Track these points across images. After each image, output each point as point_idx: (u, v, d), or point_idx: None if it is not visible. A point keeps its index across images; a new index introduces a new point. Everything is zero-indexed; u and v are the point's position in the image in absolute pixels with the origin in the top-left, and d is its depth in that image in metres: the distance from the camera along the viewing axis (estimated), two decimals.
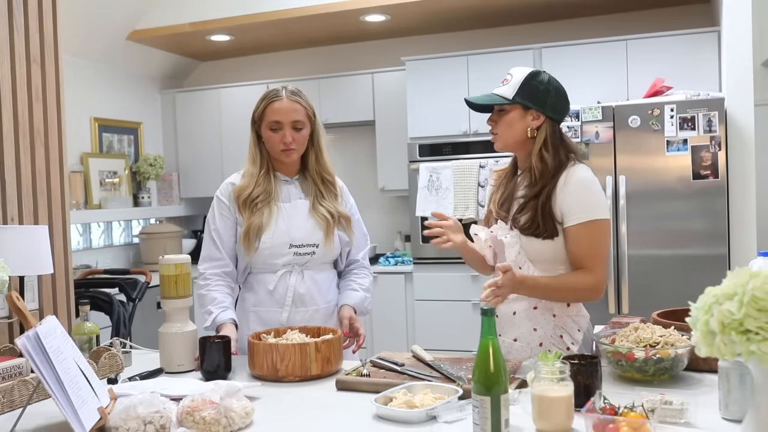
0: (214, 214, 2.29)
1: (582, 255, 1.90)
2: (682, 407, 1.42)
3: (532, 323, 1.95)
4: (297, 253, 2.22)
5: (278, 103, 2.20)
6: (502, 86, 1.98)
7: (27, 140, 2.59)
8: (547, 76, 1.98)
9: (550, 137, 1.95)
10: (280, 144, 2.20)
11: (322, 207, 2.26)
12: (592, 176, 1.95)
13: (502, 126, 1.98)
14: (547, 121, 1.96)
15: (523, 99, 1.94)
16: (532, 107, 1.94)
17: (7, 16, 2.54)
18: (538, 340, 1.95)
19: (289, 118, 2.19)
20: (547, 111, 1.95)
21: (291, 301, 2.22)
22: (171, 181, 5.69)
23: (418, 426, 1.48)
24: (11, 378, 1.78)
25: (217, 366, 1.90)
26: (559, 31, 4.94)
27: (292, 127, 2.20)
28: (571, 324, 1.95)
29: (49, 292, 2.66)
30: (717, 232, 3.71)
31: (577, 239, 1.89)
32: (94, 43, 4.91)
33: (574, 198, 1.90)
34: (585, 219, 1.88)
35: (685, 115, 3.70)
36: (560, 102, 1.98)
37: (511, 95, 1.94)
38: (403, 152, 4.80)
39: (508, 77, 1.98)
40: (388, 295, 4.79)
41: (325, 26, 4.98)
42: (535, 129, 1.95)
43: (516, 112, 1.96)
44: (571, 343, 1.94)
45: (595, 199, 1.91)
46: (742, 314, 1.03)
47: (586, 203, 1.90)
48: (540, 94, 1.94)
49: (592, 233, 1.89)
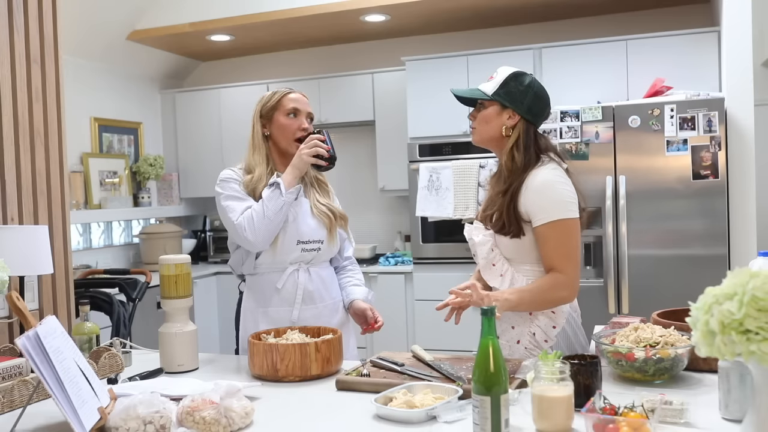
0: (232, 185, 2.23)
1: (551, 255, 1.92)
2: (682, 407, 1.42)
3: (510, 322, 2.00)
4: (304, 249, 2.24)
5: (294, 94, 2.31)
6: (487, 82, 2.03)
7: (27, 140, 2.59)
8: (529, 79, 2.01)
9: (523, 138, 1.98)
10: (298, 131, 2.26)
11: (323, 206, 2.31)
12: (557, 176, 1.95)
13: (479, 120, 2.03)
14: (521, 121, 1.99)
15: (501, 97, 1.98)
16: (509, 106, 1.98)
17: (7, 16, 2.54)
18: (516, 338, 1.99)
19: (305, 108, 2.31)
20: (523, 111, 1.98)
21: (301, 299, 2.23)
22: (171, 181, 5.69)
23: (418, 426, 1.48)
24: (11, 378, 1.78)
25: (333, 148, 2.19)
26: (559, 31, 4.94)
27: (307, 117, 2.30)
28: (545, 321, 1.98)
29: (49, 292, 2.66)
30: (717, 232, 3.71)
31: (544, 239, 1.93)
32: (94, 43, 4.92)
33: (538, 198, 1.92)
34: (549, 219, 1.91)
35: (685, 115, 3.70)
36: (537, 105, 2.00)
37: (491, 92, 2.00)
38: (403, 152, 4.80)
39: (494, 75, 2.03)
40: (388, 295, 4.79)
41: (325, 26, 4.98)
42: (510, 128, 1.99)
43: (493, 108, 2.00)
44: (544, 340, 1.97)
45: (559, 198, 1.93)
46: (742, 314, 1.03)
47: (549, 203, 1.92)
48: (518, 95, 1.98)
49: (557, 233, 1.91)
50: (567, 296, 1.96)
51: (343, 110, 5.20)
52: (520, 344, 1.98)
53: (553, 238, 1.91)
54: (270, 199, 2.14)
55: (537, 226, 1.92)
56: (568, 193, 1.95)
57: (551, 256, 1.92)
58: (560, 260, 1.91)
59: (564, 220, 1.92)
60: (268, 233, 2.16)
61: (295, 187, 2.17)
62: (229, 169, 2.31)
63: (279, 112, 2.27)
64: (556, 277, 1.92)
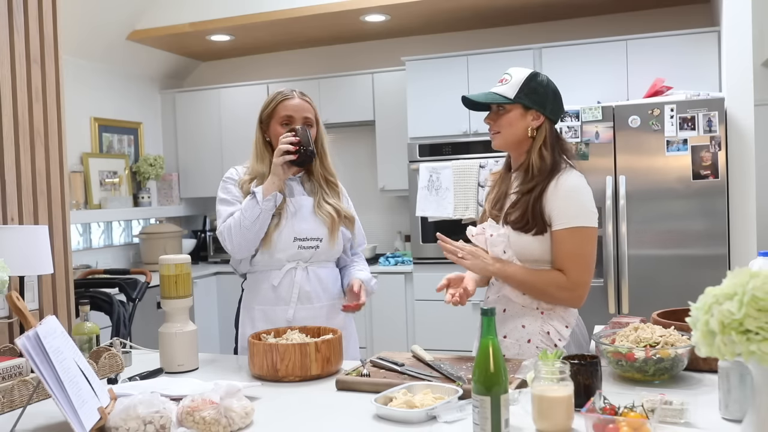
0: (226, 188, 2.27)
1: (562, 258, 1.93)
2: (682, 407, 1.42)
3: (521, 320, 1.99)
4: (301, 246, 2.23)
5: (290, 101, 2.27)
6: (500, 86, 2.01)
7: (27, 140, 2.59)
8: (546, 78, 2.02)
9: (549, 136, 1.99)
10: None
11: (328, 205, 2.28)
12: (584, 184, 1.98)
13: (502, 125, 2.00)
14: (546, 121, 1.99)
15: (525, 99, 1.97)
16: (533, 107, 1.98)
17: (7, 16, 2.54)
18: (527, 337, 1.98)
19: (300, 114, 2.25)
20: (547, 111, 1.99)
21: (297, 298, 2.23)
22: (171, 181, 5.69)
23: (418, 426, 1.48)
24: (11, 378, 1.78)
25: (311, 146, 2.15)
26: (559, 31, 4.94)
27: (303, 123, 2.24)
28: (558, 321, 1.97)
29: (49, 292, 2.66)
30: (717, 232, 3.71)
31: (560, 243, 1.93)
32: (94, 43, 4.92)
33: (564, 203, 1.92)
34: (571, 225, 1.92)
35: (685, 115, 3.70)
36: (557, 104, 2.03)
37: (513, 95, 1.97)
38: (403, 152, 4.80)
39: (507, 77, 2.01)
40: (388, 295, 4.79)
41: (325, 26, 4.98)
42: (534, 129, 1.99)
43: (517, 111, 1.99)
44: (558, 339, 1.96)
45: (583, 206, 1.94)
46: (742, 314, 1.03)
47: (575, 209, 1.93)
48: (540, 96, 1.98)
49: (575, 239, 1.92)
50: (566, 298, 1.95)
51: (343, 110, 5.20)
52: (531, 343, 1.96)
53: (570, 243, 1.92)
54: (247, 208, 2.14)
55: (557, 229, 1.92)
56: (592, 201, 1.97)
57: (563, 258, 1.92)
58: (571, 264, 1.92)
59: (585, 228, 1.93)
60: (246, 242, 2.17)
61: (272, 194, 2.14)
62: (234, 168, 2.32)
63: (274, 120, 2.26)
64: (560, 276, 1.92)
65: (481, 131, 4.48)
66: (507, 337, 2.00)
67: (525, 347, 1.96)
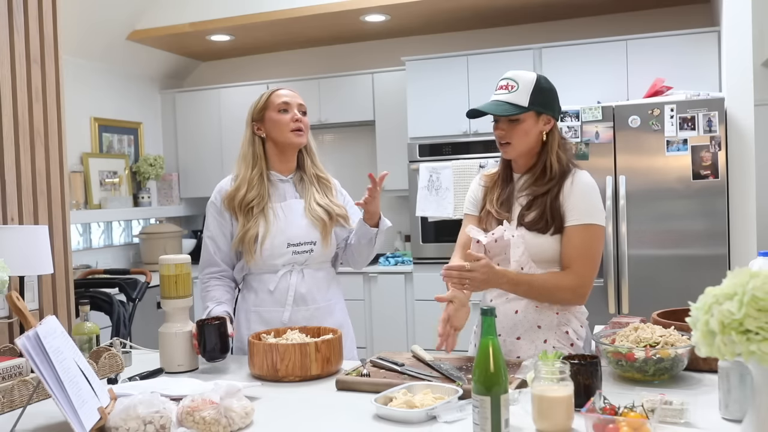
0: (210, 220, 2.33)
1: (571, 255, 1.92)
2: (682, 407, 1.42)
3: (536, 321, 1.96)
4: (295, 251, 2.23)
5: (282, 90, 2.32)
6: (507, 93, 1.95)
7: (27, 140, 2.59)
8: (545, 78, 2.01)
9: (559, 137, 2.01)
10: (291, 123, 2.25)
11: (319, 207, 2.27)
12: (595, 183, 2.00)
13: (518, 135, 1.96)
14: (554, 122, 2.00)
15: (537, 105, 1.94)
16: (545, 112, 1.97)
17: (7, 16, 2.54)
18: (543, 337, 1.96)
19: (295, 101, 2.30)
20: (555, 114, 2.00)
21: (292, 301, 2.23)
22: (171, 181, 5.69)
23: (418, 426, 1.48)
24: (11, 378, 1.78)
25: (215, 346, 1.98)
26: (559, 31, 4.94)
27: (298, 110, 2.28)
28: (573, 319, 1.97)
29: (49, 292, 2.66)
30: (717, 232, 3.71)
31: (570, 239, 1.92)
32: (94, 43, 4.92)
33: (578, 200, 1.93)
34: (583, 221, 1.92)
35: (685, 115, 3.70)
36: (558, 103, 2.03)
37: (526, 103, 1.93)
38: (403, 152, 4.80)
39: (513, 84, 1.95)
40: (388, 295, 4.79)
41: (325, 26, 4.98)
42: (547, 133, 1.99)
43: (531, 119, 1.96)
44: (576, 338, 1.96)
45: (596, 204, 1.96)
46: (742, 314, 1.03)
47: (587, 207, 1.93)
48: (549, 98, 1.97)
49: (585, 236, 1.92)
50: (569, 299, 1.94)
51: (343, 110, 5.20)
52: (547, 343, 1.95)
53: (580, 239, 1.92)
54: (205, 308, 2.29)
55: (569, 225, 1.93)
56: (601, 201, 1.99)
57: (572, 255, 1.92)
58: (579, 261, 1.91)
59: (595, 226, 1.94)
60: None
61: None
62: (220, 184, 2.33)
63: (270, 110, 2.27)
64: (564, 277, 1.91)
65: (481, 131, 4.48)
66: (521, 338, 1.97)
67: (542, 348, 1.94)
